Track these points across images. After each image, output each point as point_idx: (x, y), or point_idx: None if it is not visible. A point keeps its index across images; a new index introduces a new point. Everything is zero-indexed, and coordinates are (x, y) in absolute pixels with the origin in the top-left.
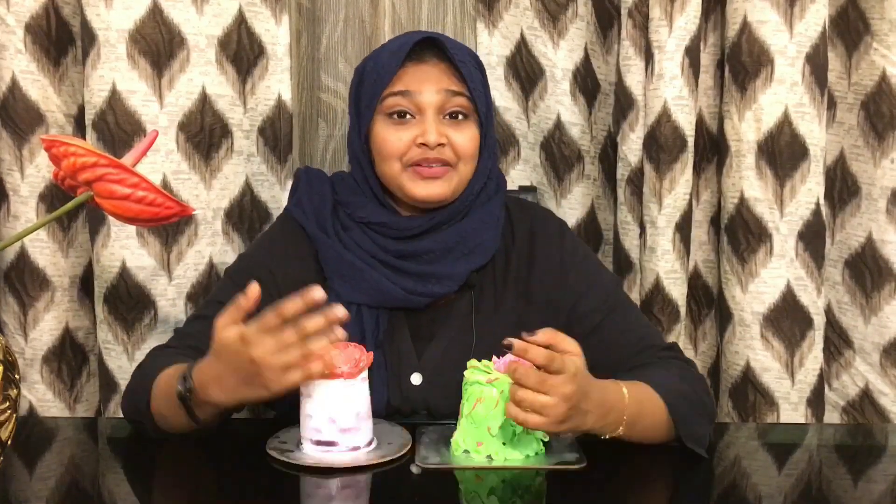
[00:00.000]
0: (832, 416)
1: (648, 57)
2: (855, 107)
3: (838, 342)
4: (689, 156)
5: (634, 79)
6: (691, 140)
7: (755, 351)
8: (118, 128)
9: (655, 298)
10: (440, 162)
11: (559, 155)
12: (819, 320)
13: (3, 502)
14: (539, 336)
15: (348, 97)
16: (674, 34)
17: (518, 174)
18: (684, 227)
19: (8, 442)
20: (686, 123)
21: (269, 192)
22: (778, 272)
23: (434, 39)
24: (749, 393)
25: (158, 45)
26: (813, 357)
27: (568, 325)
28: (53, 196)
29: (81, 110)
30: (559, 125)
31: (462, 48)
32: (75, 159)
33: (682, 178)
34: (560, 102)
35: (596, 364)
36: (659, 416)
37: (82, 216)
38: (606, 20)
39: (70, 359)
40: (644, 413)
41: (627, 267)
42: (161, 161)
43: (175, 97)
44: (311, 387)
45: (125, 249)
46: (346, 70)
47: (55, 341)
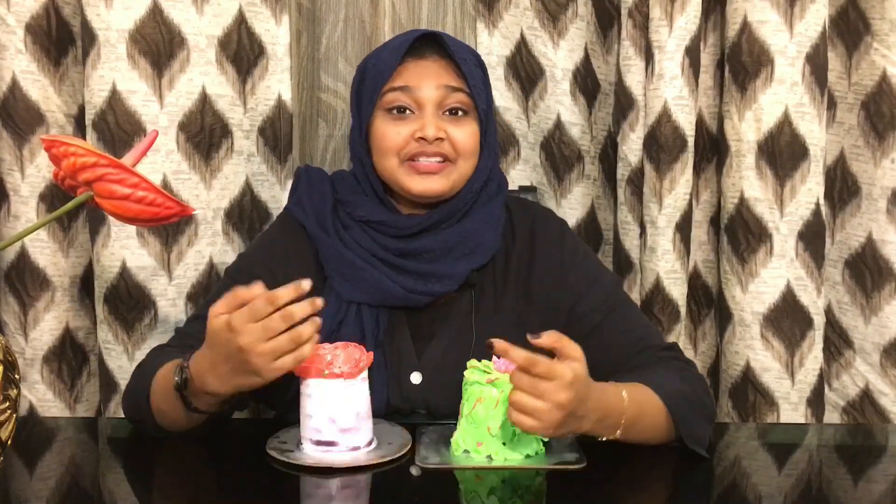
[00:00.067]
0: (832, 417)
1: (649, 57)
2: (855, 107)
3: (838, 342)
4: (690, 156)
5: (635, 79)
6: (691, 140)
7: (755, 351)
8: (118, 128)
9: (655, 298)
10: (439, 156)
11: (559, 155)
12: (819, 320)
13: (4, 502)
14: (543, 339)
15: (350, 94)
16: (674, 34)
17: (518, 174)
18: (684, 227)
19: (8, 442)
20: (686, 123)
21: (269, 192)
22: (778, 272)
23: (435, 36)
24: (749, 393)
25: (158, 45)
26: (813, 357)
27: (568, 325)
28: (54, 196)
29: (82, 110)
30: (559, 125)
31: (463, 46)
32: (75, 159)
33: (683, 178)
34: (560, 102)
35: (596, 364)
36: (658, 418)
37: (82, 216)
38: (606, 20)
39: (70, 359)
40: (643, 415)
41: (627, 267)
42: (161, 161)
43: (175, 97)
44: (311, 387)
45: (125, 249)
46: (346, 70)
47: (55, 341)
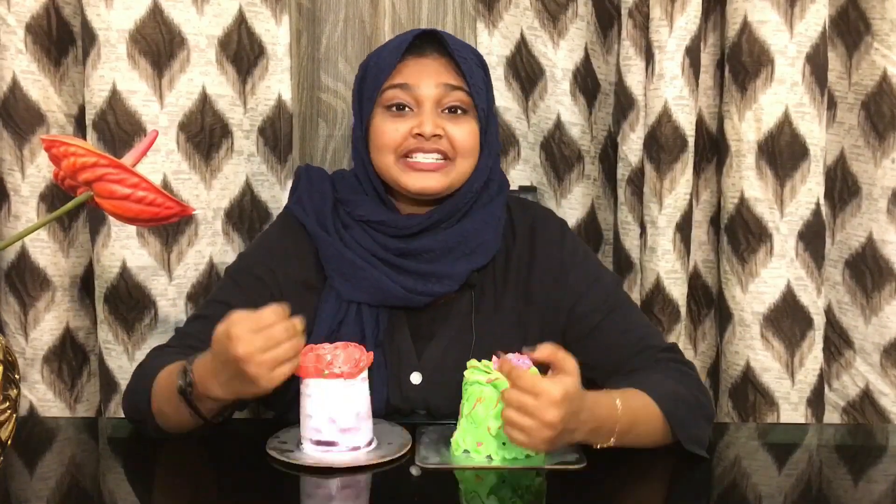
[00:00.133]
0: (832, 417)
1: (649, 57)
2: (855, 107)
3: (838, 342)
4: (690, 156)
5: (635, 79)
6: (692, 140)
7: (755, 351)
8: (118, 128)
9: (656, 298)
10: (437, 152)
11: (559, 155)
12: (819, 320)
13: (4, 502)
14: (538, 352)
15: (352, 92)
16: (674, 34)
17: (518, 174)
18: (685, 227)
19: (8, 442)
20: (686, 123)
21: (269, 192)
22: (778, 272)
23: (436, 35)
24: (749, 393)
25: (159, 46)
26: (813, 357)
27: (567, 325)
28: (54, 196)
29: (82, 110)
30: (559, 125)
31: (464, 46)
32: (75, 159)
33: (683, 178)
34: (560, 102)
35: (596, 364)
36: (654, 423)
37: (83, 216)
38: (606, 20)
39: (70, 359)
40: (637, 422)
41: (628, 267)
42: (161, 161)
43: (175, 97)
44: (311, 387)
45: (125, 249)
46: (346, 70)
47: (56, 341)
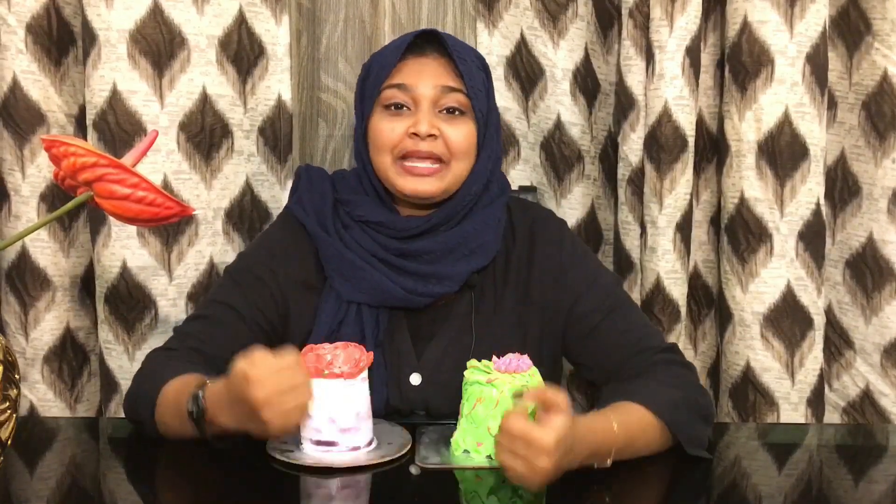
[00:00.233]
0: (832, 417)
1: (649, 57)
2: (856, 107)
3: (839, 342)
4: (690, 156)
5: (635, 79)
6: (692, 140)
7: (755, 351)
8: (119, 128)
9: (656, 298)
10: (431, 158)
11: (559, 155)
12: (819, 320)
13: (4, 502)
14: (525, 399)
15: (355, 92)
16: (674, 34)
17: (518, 174)
18: (685, 227)
19: (8, 442)
20: (687, 123)
21: (270, 192)
22: (778, 272)
23: (437, 35)
24: (749, 393)
25: (159, 46)
26: (813, 357)
27: (567, 326)
28: (55, 196)
29: (82, 110)
30: (559, 125)
31: (466, 48)
32: (75, 159)
33: (683, 178)
34: (560, 102)
35: (595, 365)
36: (652, 434)
37: (83, 216)
38: (607, 20)
39: (71, 358)
40: (635, 437)
41: (628, 267)
42: (162, 161)
43: (175, 97)
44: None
45: (126, 249)
46: (346, 70)
47: (56, 341)
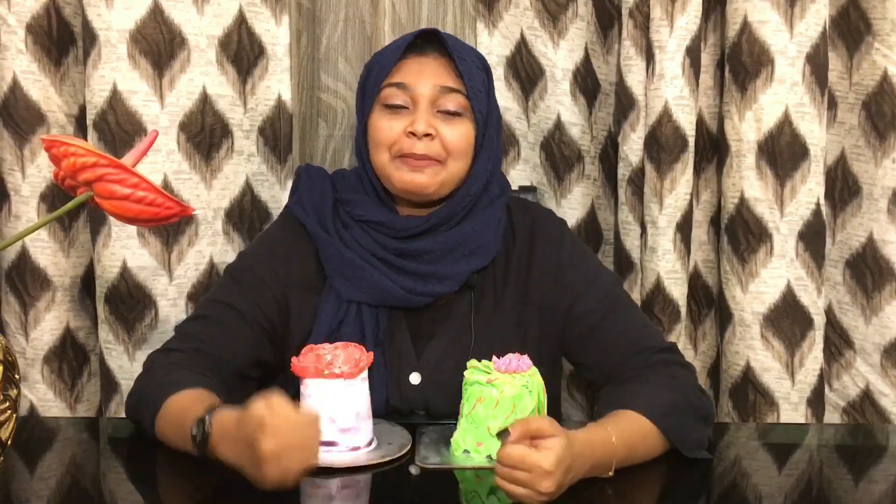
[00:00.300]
0: (832, 417)
1: (649, 57)
2: (856, 107)
3: (839, 342)
4: (690, 156)
5: (635, 79)
6: (692, 140)
7: (755, 351)
8: (119, 128)
9: (656, 298)
10: (427, 159)
11: (559, 155)
12: (819, 320)
13: (4, 502)
14: (513, 436)
15: (356, 91)
16: (675, 34)
17: (518, 174)
18: (685, 227)
19: (8, 442)
20: (687, 123)
21: (270, 192)
22: (778, 272)
23: (438, 35)
24: (749, 393)
25: (159, 46)
26: (813, 357)
27: (565, 326)
28: (55, 196)
29: (82, 110)
30: (559, 125)
31: (467, 48)
32: (75, 159)
33: (683, 178)
34: (560, 102)
35: (594, 366)
36: (651, 441)
37: (83, 216)
38: (607, 20)
39: (71, 358)
40: (635, 446)
41: (628, 267)
42: (162, 161)
43: (176, 97)
44: (311, 387)
45: (126, 249)
46: (346, 70)
47: (56, 341)
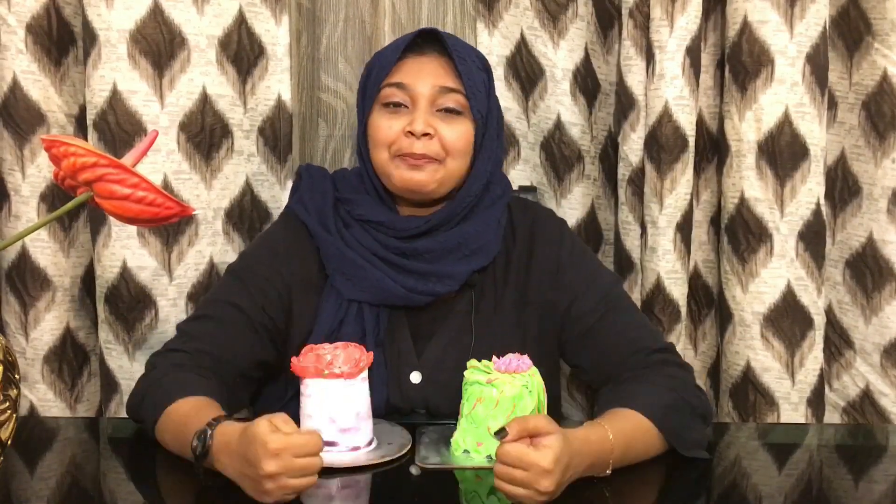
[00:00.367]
0: (832, 417)
1: (649, 57)
2: (856, 107)
3: (839, 342)
4: (690, 156)
5: (635, 79)
6: (692, 140)
7: (755, 351)
8: (119, 128)
9: (656, 298)
10: (426, 157)
11: (559, 155)
12: (819, 320)
13: (4, 502)
14: (509, 436)
15: (357, 91)
16: (675, 34)
17: (518, 174)
18: (685, 227)
19: (8, 442)
20: (687, 123)
21: (270, 192)
22: (778, 272)
23: (438, 35)
24: (749, 393)
25: (159, 46)
26: (813, 357)
27: (563, 326)
28: (55, 196)
29: (82, 110)
30: (559, 125)
31: (467, 47)
32: (75, 159)
33: (683, 178)
34: (560, 102)
35: (592, 366)
36: (649, 439)
37: (83, 216)
38: (607, 20)
39: (71, 359)
40: (632, 444)
41: (628, 267)
42: (162, 161)
43: (176, 97)
44: (311, 387)
45: (126, 249)
46: (346, 70)
47: (56, 341)
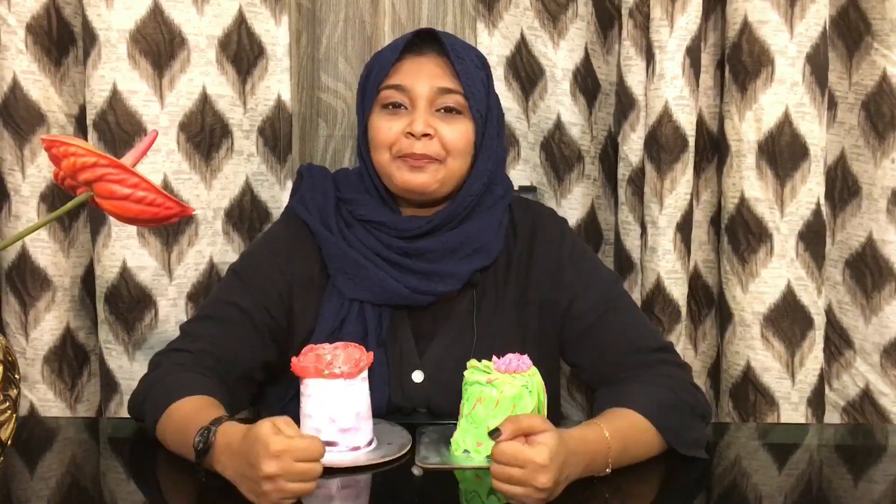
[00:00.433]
0: (832, 417)
1: (649, 57)
2: (856, 107)
3: (839, 342)
4: (690, 156)
5: (635, 79)
6: (692, 140)
7: (755, 351)
8: (119, 128)
9: (656, 298)
10: (426, 158)
11: (559, 155)
12: (819, 320)
13: (4, 502)
14: (504, 436)
15: (357, 92)
16: (675, 34)
17: (518, 174)
18: (685, 227)
19: (8, 442)
20: (687, 123)
21: (269, 192)
22: (778, 272)
23: (437, 35)
24: (749, 393)
25: (159, 46)
26: (813, 357)
27: (563, 325)
28: (55, 196)
29: (82, 110)
30: (559, 125)
31: (465, 47)
32: (75, 159)
33: (684, 178)
34: (560, 102)
35: (591, 366)
36: (647, 438)
37: (83, 216)
38: (607, 20)
39: (71, 359)
40: (630, 443)
41: (628, 267)
42: (162, 161)
43: (176, 97)
44: (311, 387)
45: (126, 249)
46: (346, 70)
47: (56, 341)
